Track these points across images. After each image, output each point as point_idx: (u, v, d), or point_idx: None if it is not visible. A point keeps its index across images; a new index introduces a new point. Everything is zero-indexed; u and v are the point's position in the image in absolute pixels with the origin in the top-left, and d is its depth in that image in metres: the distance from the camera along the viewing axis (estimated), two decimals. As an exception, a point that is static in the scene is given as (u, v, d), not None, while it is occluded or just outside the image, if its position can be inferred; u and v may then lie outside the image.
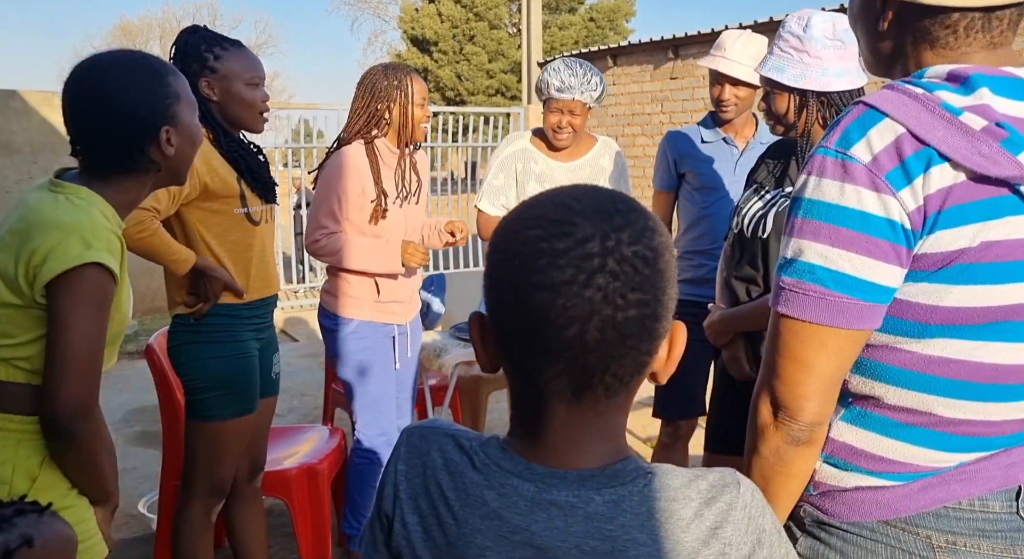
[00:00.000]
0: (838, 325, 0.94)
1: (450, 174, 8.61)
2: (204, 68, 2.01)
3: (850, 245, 0.92)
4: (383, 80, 2.46)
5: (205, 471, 2.07)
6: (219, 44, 2.04)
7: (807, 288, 0.95)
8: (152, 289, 7.03)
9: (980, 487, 0.96)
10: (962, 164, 0.88)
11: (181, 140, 1.42)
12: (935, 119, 0.90)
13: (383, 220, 2.49)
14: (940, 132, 0.89)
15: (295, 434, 2.83)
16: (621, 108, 8.74)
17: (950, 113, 0.89)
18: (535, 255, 0.66)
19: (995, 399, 0.95)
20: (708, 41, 7.59)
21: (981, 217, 0.90)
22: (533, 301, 0.65)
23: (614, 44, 8.99)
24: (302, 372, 5.27)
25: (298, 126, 8.55)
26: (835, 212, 0.93)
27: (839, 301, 0.93)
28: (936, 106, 0.90)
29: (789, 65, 1.78)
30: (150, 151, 1.38)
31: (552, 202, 0.70)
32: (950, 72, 0.93)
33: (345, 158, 2.46)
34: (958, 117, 0.89)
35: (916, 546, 0.96)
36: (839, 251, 0.93)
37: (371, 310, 2.56)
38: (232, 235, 2.05)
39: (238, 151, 2.05)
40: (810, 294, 0.94)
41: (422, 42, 23.92)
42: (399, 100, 2.45)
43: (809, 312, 0.95)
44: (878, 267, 0.92)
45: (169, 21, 34.81)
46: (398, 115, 2.46)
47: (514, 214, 0.72)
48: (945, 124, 0.89)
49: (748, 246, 1.98)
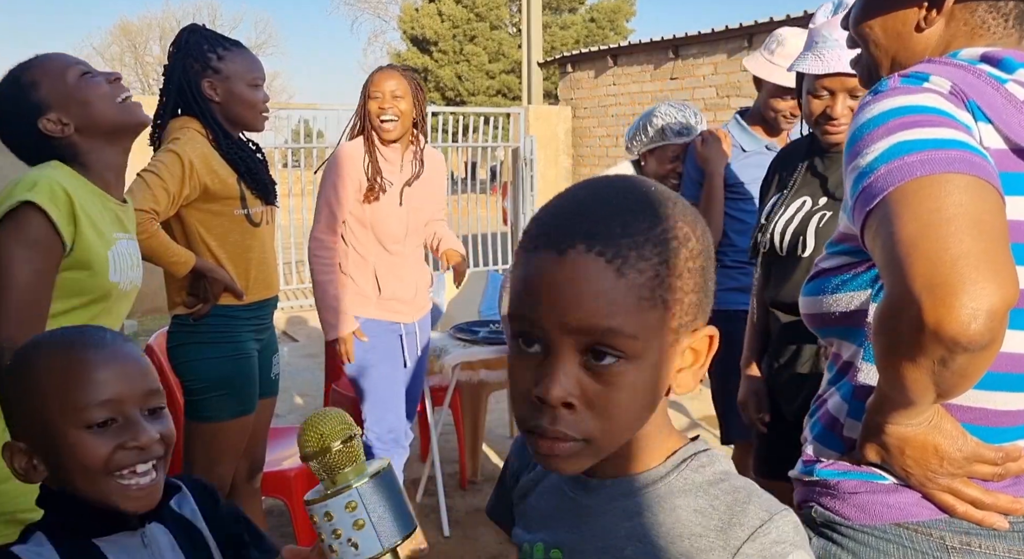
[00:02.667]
0: (960, 171, 0.79)
1: (450, 174, 8.60)
2: (207, 68, 2.01)
3: (939, 123, 0.83)
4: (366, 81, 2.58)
5: (204, 471, 2.07)
6: (221, 44, 2.04)
7: (904, 160, 0.81)
8: (152, 289, 7.00)
9: (994, 487, 0.94)
10: (1002, 130, 0.86)
11: (70, 116, 1.47)
12: (980, 82, 0.88)
13: (379, 204, 2.53)
14: (987, 95, 0.87)
15: (295, 434, 2.82)
16: (621, 108, 8.74)
17: (996, 81, 0.87)
18: None
19: (1005, 388, 0.92)
20: (708, 41, 7.59)
21: (1014, 191, 0.86)
22: None
23: (614, 44, 8.99)
24: (302, 372, 5.27)
25: (298, 126, 8.57)
26: (912, 109, 0.85)
27: (947, 154, 0.80)
28: (981, 73, 0.88)
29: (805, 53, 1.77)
30: (49, 137, 1.46)
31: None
32: (984, 54, 0.91)
33: (340, 153, 2.54)
34: (1003, 85, 0.87)
35: (929, 547, 0.94)
36: (926, 128, 0.82)
37: (375, 308, 2.58)
38: (232, 236, 2.05)
39: (237, 153, 2.05)
40: (911, 162, 0.80)
41: (422, 42, 23.91)
42: (362, 98, 2.56)
43: (920, 170, 0.79)
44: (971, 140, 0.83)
45: (169, 21, 34.82)
46: (363, 112, 2.56)
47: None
48: (991, 89, 0.87)
49: (786, 266, 1.83)
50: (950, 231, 0.76)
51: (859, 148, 0.87)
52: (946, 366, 0.78)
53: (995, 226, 0.77)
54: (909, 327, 0.76)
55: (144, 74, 34.54)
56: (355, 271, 2.57)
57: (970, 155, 0.81)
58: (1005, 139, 0.86)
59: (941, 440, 0.90)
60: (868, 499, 0.97)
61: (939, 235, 0.76)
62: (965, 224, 0.76)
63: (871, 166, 0.84)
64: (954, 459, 0.90)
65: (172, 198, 1.91)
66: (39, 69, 1.48)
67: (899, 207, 0.80)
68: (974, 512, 0.91)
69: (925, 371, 0.79)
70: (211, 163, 1.98)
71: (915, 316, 0.75)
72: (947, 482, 0.91)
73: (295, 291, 7.88)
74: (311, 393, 4.78)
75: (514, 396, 0.69)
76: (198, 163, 1.94)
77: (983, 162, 0.81)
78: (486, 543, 2.93)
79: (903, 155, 0.82)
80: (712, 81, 7.60)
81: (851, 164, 0.89)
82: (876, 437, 0.93)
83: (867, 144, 0.86)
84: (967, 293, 0.73)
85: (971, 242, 0.75)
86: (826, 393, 1.08)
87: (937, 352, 0.76)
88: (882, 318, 0.81)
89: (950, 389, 0.82)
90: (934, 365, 0.78)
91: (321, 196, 2.56)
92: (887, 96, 0.89)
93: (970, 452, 0.90)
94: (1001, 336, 0.76)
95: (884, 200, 0.82)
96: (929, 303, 0.74)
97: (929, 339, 0.76)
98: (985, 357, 0.77)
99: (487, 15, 23.36)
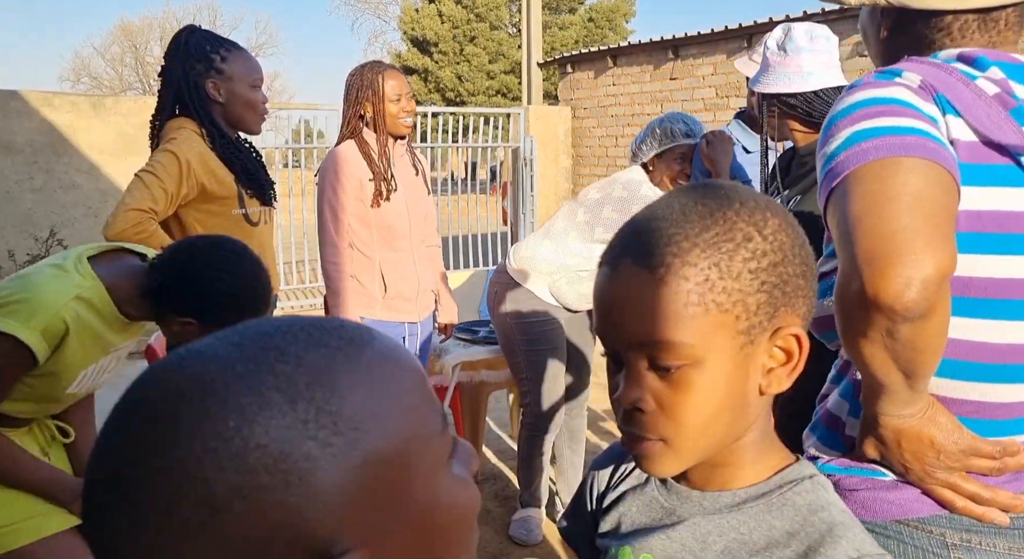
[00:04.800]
0: (913, 155, 0.83)
1: (450, 174, 8.60)
2: (211, 69, 2.02)
3: (901, 113, 0.87)
4: (357, 80, 2.52)
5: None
6: (223, 46, 2.05)
7: (861, 146, 0.86)
8: (152, 289, 7.03)
9: (994, 483, 0.94)
10: (972, 123, 0.88)
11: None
12: (951, 78, 0.91)
13: (386, 203, 2.52)
14: (955, 89, 0.90)
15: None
16: (621, 108, 8.74)
17: (966, 77, 0.90)
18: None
19: (1002, 380, 0.93)
20: (708, 41, 7.59)
21: (984, 182, 0.88)
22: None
23: (614, 44, 8.99)
24: (302, 372, 5.26)
25: (298, 126, 8.56)
26: (878, 100, 0.89)
27: (902, 140, 0.84)
28: (953, 70, 0.91)
29: (759, 74, 1.97)
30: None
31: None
32: (960, 54, 0.94)
33: (336, 156, 2.52)
34: (973, 81, 0.90)
35: (930, 544, 0.94)
36: (887, 118, 0.87)
37: (381, 308, 2.58)
38: (231, 236, 2.06)
39: (234, 153, 2.06)
40: (867, 147, 0.85)
41: (422, 43, 23.92)
42: (371, 98, 2.50)
43: (874, 154, 0.84)
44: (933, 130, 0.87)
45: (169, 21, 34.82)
46: (372, 113, 2.52)
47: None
48: (960, 84, 0.90)
49: None
50: (892, 208, 0.80)
51: (828, 136, 0.92)
52: (893, 338, 0.81)
53: (936, 204, 0.81)
54: (855, 301, 0.81)
55: (144, 74, 34.53)
56: (360, 272, 2.56)
57: (924, 140, 0.84)
58: (975, 131, 0.89)
59: (936, 433, 0.90)
60: (869, 496, 0.98)
61: (881, 212, 0.80)
62: (907, 202, 0.80)
63: (834, 152, 0.89)
64: (950, 452, 0.90)
65: (170, 198, 1.91)
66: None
67: (851, 188, 0.84)
68: (974, 507, 0.92)
69: (877, 345, 0.82)
70: (209, 163, 1.98)
71: (858, 289, 0.80)
72: (945, 477, 0.92)
73: (295, 291, 7.88)
74: (311, 393, 4.77)
75: (611, 402, 0.72)
76: (195, 163, 1.94)
77: (938, 147, 0.85)
78: (486, 543, 2.93)
79: (861, 141, 0.86)
80: (712, 81, 7.60)
81: (820, 151, 0.94)
82: (873, 431, 0.94)
83: (834, 132, 0.91)
84: (901, 263, 0.77)
85: (909, 218, 0.79)
86: (827, 391, 1.09)
87: (881, 323, 0.80)
88: (836, 295, 0.85)
89: (909, 364, 0.84)
90: (883, 338, 0.81)
91: (324, 202, 2.53)
92: (859, 89, 0.93)
93: (966, 445, 0.90)
94: (941, 306, 0.80)
95: (841, 182, 0.86)
96: (868, 274, 0.79)
97: (872, 310, 0.79)
98: (928, 327, 0.80)
99: (487, 15, 23.37)
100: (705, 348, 0.65)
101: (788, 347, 0.69)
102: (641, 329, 0.65)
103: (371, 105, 2.51)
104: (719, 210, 0.66)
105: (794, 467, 0.74)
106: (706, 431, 0.68)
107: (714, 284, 0.64)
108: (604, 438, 4.04)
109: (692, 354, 0.65)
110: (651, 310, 0.64)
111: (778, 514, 0.70)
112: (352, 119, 2.55)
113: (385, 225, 2.55)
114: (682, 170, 2.66)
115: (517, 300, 2.76)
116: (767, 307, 0.66)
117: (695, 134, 2.64)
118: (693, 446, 0.69)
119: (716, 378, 0.66)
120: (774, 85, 1.89)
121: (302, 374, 0.41)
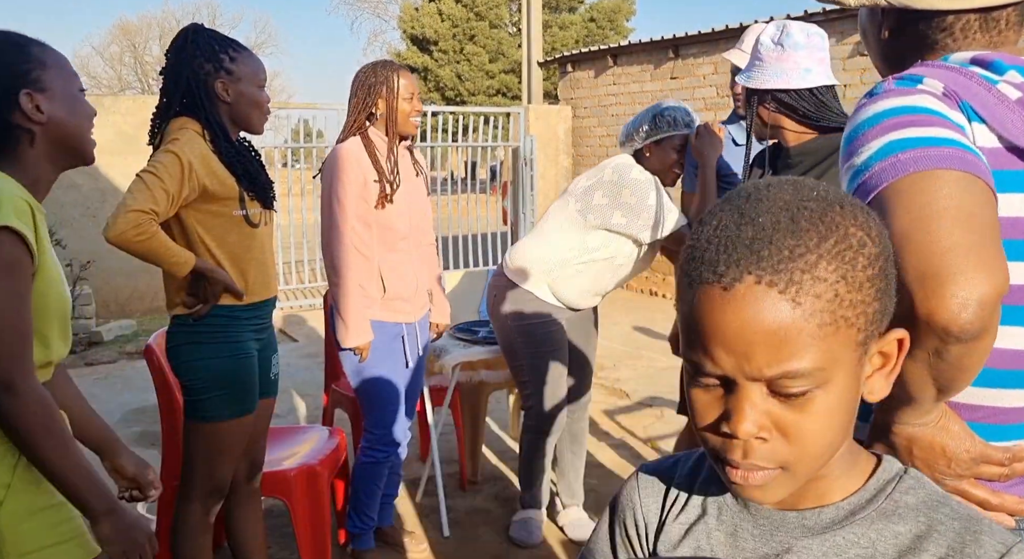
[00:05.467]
0: (953, 167, 0.80)
1: (450, 174, 8.60)
2: (220, 69, 2.00)
3: (932, 123, 0.85)
4: (371, 77, 2.54)
5: (204, 471, 2.07)
6: (231, 46, 2.04)
7: (898, 158, 0.83)
8: (152, 289, 7.03)
9: (999, 487, 0.94)
10: (996, 129, 0.87)
11: (54, 107, 1.38)
12: (972, 84, 0.89)
13: (390, 204, 2.52)
14: (979, 96, 0.88)
15: (295, 434, 2.83)
16: (621, 108, 8.73)
17: (987, 82, 0.89)
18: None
19: (1013, 386, 0.92)
20: (708, 40, 7.58)
21: (1008, 188, 0.87)
22: None
23: (614, 44, 8.98)
24: (302, 372, 5.26)
25: (298, 126, 8.56)
26: (906, 109, 0.87)
27: (940, 152, 0.82)
28: (973, 74, 0.90)
29: (749, 69, 1.95)
30: (14, 118, 1.34)
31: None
32: (974, 57, 0.93)
33: (340, 154, 2.50)
34: (995, 86, 0.88)
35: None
36: (919, 128, 0.84)
37: (380, 309, 2.56)
38: (231, 237, 2.05)
39: (236, 155, 2.05)
40: (904, 159, 0.82)
41: (422, 42, 23.91)
42: (384, 95, 2.51)
43: (913, 166, 0.81)
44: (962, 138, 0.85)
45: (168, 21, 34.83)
46: (384, 110, 2.53)
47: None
48: (983, 90, 0.88)
49: None
50: (941, 224, 0.77)
51: (855, 147, 0.89)
52: (941, 358, 0.78)
53: (984, 220, 0.79)
54: (904, 320, 0.77)
55: (143, 74, 34.52)
56: (359, 273, 2.54)
57: (961, 152, 0.82)
58: (999, 138, 0.88)
59: (948, 441, 0.89)
60: None
61: (930, 228, 0.78)
62: (955, 217, 0.78)
63: (866, 164, 0.86)
64: (961, 461, 0.90)
65: (172, 199, 1.90)
66: (52, 54, 1.42)
67: (892, 203, 0.81)
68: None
69: (921, 364, 0.80)
70: (210, 164, 1.97)
71: (907, 307, 0.76)
72: (955, 484, 0.91)
73: (294, 291, 7.87)
74: (311, 393, 4.77)
75: (700, 428, 0.64)
76: (197, 164, 1.94)
77: (975, 159, 0.83)
78: (486, 543, 2.93)
79: (897, 153, 0.84)
80: (712, 81, 7.59)
81: (847, 163, 0.91)
82: (884, 437, 0.93)
83: (862, 143, 0.88)
84: (956, 283, 0.75)
85: (960, 234, 0.77)
86: None
87: (931, 343, 0.77)
88: None
89: (949, 383, 0.82)
90: (929, 357, 0.79)
91: (331, 196, 2.50)
92: (882, 98, 0.91)
93: (977, 453, 0.90)
94: (994, 327, 0.77)
95: (878, 196, 0.83)
96: (920, 294, 0.76)
97: (922, 330, 0.77)
98: (979, 348, 0.78)
99: (487, 15, 23.35)
100: (832, 368, 0.59)
101: (888, 351, 0.65)
102: (773, 358, 0.58)
103: (384, 102, 2.52)
104: (826, 213, 0.60)
105: (883, 465, 0.69)
106: (827, 451, 0.63)
107: (843, 299, 0.59)
108: (603, 439, 4.04)
109: (821, 377, 0.59)
110: (785, 337, 0.57)
111: (896, 519, 0.65)
112: (360, 116, 2.54)
113: (386, 226, 2.53)
114: (678, 159, 2.66)
115: (517, 302, 2.75)
116: (880, 314, 0.63)
117: (691, 125, 2.64)
118: (812, 468, 0.63)
119: (840, 396, 0.61)
120: (770, 81, 1.86)
121: None
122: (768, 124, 1.91)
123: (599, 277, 2.73)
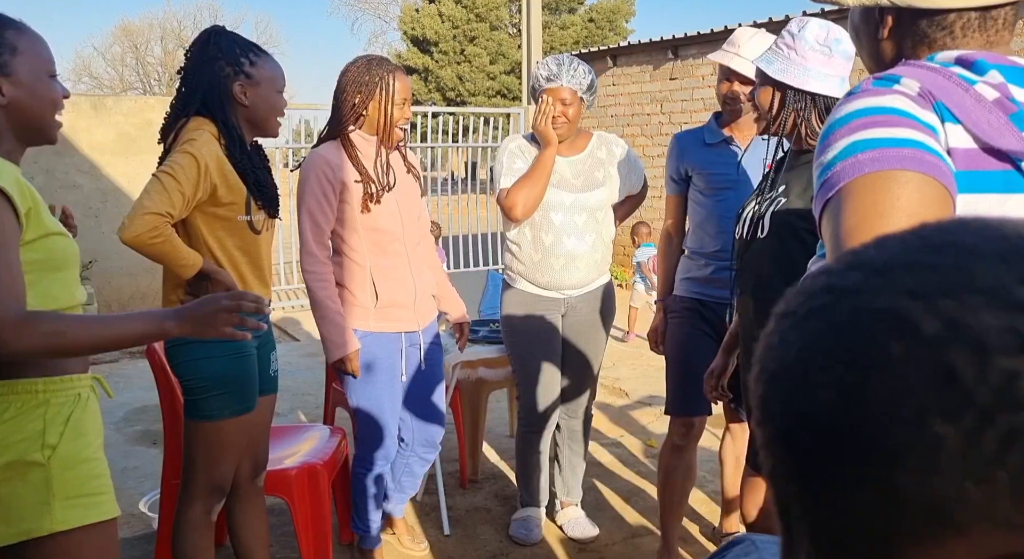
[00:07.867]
0: (909, 168, 0.83)
1: (450, 174, 8.62)
2: (240, 73, 2.01)
3: (898, 124, 0.87)
4: (364, 75, 2.39)
5: (205, 470, 2.08)
6: (252, 50, 2.05)
7: (857, 158, 0.86)
8: (154, 289, 7.04)
9: None
10: (972, 130, 0.88)
11: (17, 92, 1.44)
12: (950, 84, 0.90)
13: (377, 206, 2.42)
14: (954, 96, 0.90)
15: (296, 433, 2.84)
16: (621, 108, 8.74)
17: (965, 82, 0.90)
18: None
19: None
20: (708, 41, 7.59)
21: (983, 188, 0.88)
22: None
23: (614, 44, 8.99)
24: (302, 372, 5.28)
25: (299, 126, 8.56)
26: (876, 110, 0.89)
27: (899, 152, 0.85)
28: (952, 75, 0.91)
29: (778, 60, 1.89)
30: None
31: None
32: (958, 57, 0.94)
33: (318, 159, 2.39)
34: (972, 86, 0.90)
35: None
36: (884, 128, 0.87)
37: (375, 319, 2.48)
38: (232, 241, 2.06)
39: (248, 162, 2.06)
40: (863, 159, 0.86)
41: (422, 42, 23.92)
42: (378, 96, 2.39)
43: (869, 167, 0.85)
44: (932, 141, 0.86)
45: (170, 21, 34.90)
46: (375, 111, 2.41)
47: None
48: (960, 90, 0.90)
49: (747, 249, 1.94)
50: (882, 224, 0.81)
51: (825, 146, 0.93)
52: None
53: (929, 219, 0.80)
54: None
55: (145, 74, 34.55)
56: (350, 281, 2.46)
57: (921, 153, 0.85)
58: (975, 138, 0.89)
59: None
60: None
61: (871, 227, 0.81)
62: (898, 218, 0.81)
63: (831, 162, 0.90)
64: None
65: (187, 201, 1.92)
66: (28, 37, 1.48)
67: (845, 201, 0.85)
68: None
69: None
70: (223, 167, 1.98)
71: None
72: None
73: (294, 291, 7.88)
74: (311, 392, 4.78)
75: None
76: (212, 166, 1.95)
77: (935, 160, 0.85)
78: (486, 542, 2.94)
79: (857, 153, 0.87)
80: (712, 81, 7.60)
81: (817, 161, 0.94)
82: None
83: (831, 142, 0.91)
84: None
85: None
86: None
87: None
88: None
89: None
90: None
91: (303, 208, 2.39)
92: (857, 97, 0.93)
93: None
94: None
95: (836, 194, 0.87)
96: None
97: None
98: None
99: (487, 16, 23.37)
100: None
101: None
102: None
103: (378, 105, 2.39)
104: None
105: None
106: None
107: None
108: (602, 438, 4.05)
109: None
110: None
111: None
112: (348, 118, 2.41)
113: (375, 229, 2.43)
114: (544, 113, 2.65)
115: (507, 300, 2.82)
116: None
117: (557, 77, 2.63)
118: None
119: None
120: (813, 83, 1.82)
121: None
122: (804, 128, 1.87)
123: (521, 238, 2.74)
